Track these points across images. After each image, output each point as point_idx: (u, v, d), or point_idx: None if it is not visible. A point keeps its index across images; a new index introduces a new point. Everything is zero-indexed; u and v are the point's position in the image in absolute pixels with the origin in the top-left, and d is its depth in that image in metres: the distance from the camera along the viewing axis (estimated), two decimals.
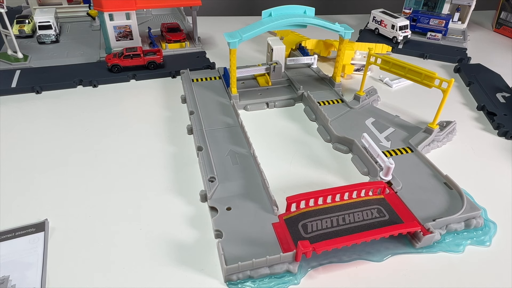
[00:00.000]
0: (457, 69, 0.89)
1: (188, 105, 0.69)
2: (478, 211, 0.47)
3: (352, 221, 0.45)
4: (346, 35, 0.69)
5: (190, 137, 0.63)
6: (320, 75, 0.80)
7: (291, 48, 0.90)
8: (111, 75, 0.79)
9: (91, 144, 0.61)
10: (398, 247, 0.44)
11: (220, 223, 0.44)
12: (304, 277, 0.41)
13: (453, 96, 0.79)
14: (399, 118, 0.66)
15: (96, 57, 0.85)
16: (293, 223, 0.44)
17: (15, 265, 0.40)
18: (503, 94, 0.77)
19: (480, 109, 0.74)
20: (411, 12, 1.07)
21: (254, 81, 0.77)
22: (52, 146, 0.60)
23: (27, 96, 0.73)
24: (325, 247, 0.40)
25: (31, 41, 0.92)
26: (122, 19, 0.84)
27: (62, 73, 0.79)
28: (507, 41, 1.12)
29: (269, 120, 0.68)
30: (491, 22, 1.22)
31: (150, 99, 0.74)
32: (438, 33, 1.02)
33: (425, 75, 0.58)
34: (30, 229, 0.45)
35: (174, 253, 0.43)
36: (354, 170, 0.57)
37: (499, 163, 0.60)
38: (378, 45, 0.92)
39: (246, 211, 0.46)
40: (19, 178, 0.53)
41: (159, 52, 0.82)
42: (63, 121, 0.66)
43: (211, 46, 0.97)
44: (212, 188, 0.49)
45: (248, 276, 0.39)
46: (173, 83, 0.80)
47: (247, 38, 0.62)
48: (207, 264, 0.42)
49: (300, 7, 0.67)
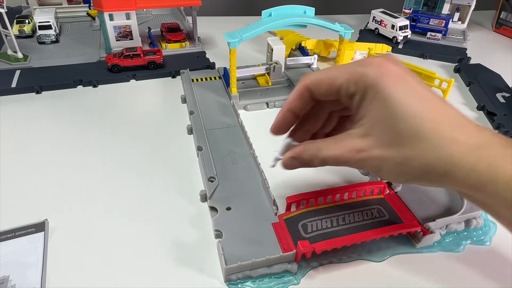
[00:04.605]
0: (457, 69, 0.89)
1: (188, 105, 0.69)
2: (478, 211, 0.47)
3: (352, 221, 0.45)
4: (346, 35, 0.69)
5: (190, 137, 0.63)
6: None
7: (291, 48, 0.90)
8: (111, 75, 0.79)
9: (91, 144, 0.61)
10: (398, 247, 0.44)
11: (220, 223, 0.44)
12: (304, 277, 0.41)
13: (453, 96, 0.79)
14: None
15: (96, 57, 0.85)
16: (293, 223, 0.44)
17: (15, 265, 0.40)
18: (503, 94, 0.77)
19: (480, 109, 0.74)
20: (411, 12, 1.07)
21: (254, 81, 0.77)
22: (52, 146, 0.60)
23: (27, 96, 0.73)
24: (325, 247, 0.40)
25: (31, 41, 0.92)
26: (122, 19, 0.84)
27: (62, 73, 0.79)
28: (507, 41, 1.12)
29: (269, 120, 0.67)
30: (491, 22, 1.22)
31: (150, 99, 0.74)
32: (438, 33, 1.02)
33: (425, 75, 0.58)
34: (30, 229, 0.45)
35: (174, 253, 0.43)
36: (354, 170, 0.56)
37: None
38: (378, 45, 0.92)
39: (246, 211, 0.46)
40: (19, 178, 0.53)
41: (159, 52, 0.82)
42: (63, 121, 0.66)
43: (211, 46, 0.97)
44: (212, 188, 0.49)
45: (248, 276, 0.39)
46: (173, 83, 0.80)
47: (247, 38, 0.62)
48: (207, 264, 0.42)
49: (300, 7, 0.67)
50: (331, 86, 0.35)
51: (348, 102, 0.35)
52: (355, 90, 0.34)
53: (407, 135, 0.31)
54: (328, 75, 0.35)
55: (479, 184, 0.30)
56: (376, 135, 0.33)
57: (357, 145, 0.34)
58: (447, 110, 0.32)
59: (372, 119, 0.33)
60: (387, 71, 0.33)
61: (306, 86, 0.37)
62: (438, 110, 0.32)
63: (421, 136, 0.31)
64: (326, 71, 0.36)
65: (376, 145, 0.33)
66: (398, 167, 0.33)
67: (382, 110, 0.32)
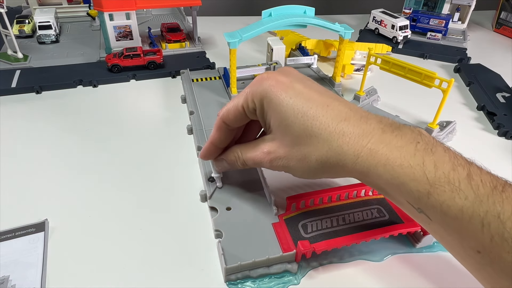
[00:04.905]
0: (457, 69, 0.90)
1: (188, 105, 0.69)
2: None
3: (352, 221, 0.45)
4: (346, 35, 0.69)
5: (190, 137, 0.63)
6: (320, 75, 0.80)
7: (291, 48, 0.90)
8: (111, 75, 0.79)
9: (91, 144, 0.61)
10: (398, 247, 0.44)
11: (220, 223, 0.44)
12: (304, 277, 0.41)
13: (453, 96, 0.79)
14: (399, 118, 0.66)
15: (96, 57, 0.85)
16: (293, 223, 0.44)
17: (15, 265, 0.40)
18: (503, 94, 0.77)
19: (480, 109, 0.74)
20: (411, 12, 1.07)
21: None
22: (52, 146, 0.60)
23: (27, 96, 0.73)
24: (325, 247, 0.40)
25: (31, 41, 0.92)
26: (122, 19, 0.84)
27: (62, 73, 0.79)
28: (507, 41, 1.12)
29: None
30: (491, 22, 1.22)
31: (150, 99, 0.74)
32: (438, 33, 1.02)
33: (425, 75, 0.58)
34: (30, 229, 0.45)
35: (174, 253, 0.43)
36: None
37: (499, 163, 0.60)
38: (378, 45, 0.92)
39: (246, 211, 0.46)
40: (19, 178, 0.53)
41: (159, 52, 0.82)
42: (63, 121, 0.66)
43: (211, 46, 0.97)
44: (212, 188, 0.49)
45: (247, 276, 0.39)
46: (173, 83, 0.80)
47: (247, 38, 0.62)
48: (207, 264, 0.42)
49: (300, 7, 0.67)
50: (237, 111, 0.40)
51: (255, 117, 0.40)
52: (253, 105, 0.39)
53: (301, 134, 0.36)
54: (232, 103, 0.40)
55: (364, 169, 0.34)
56: (279, 138, 0.38)
57: (267, 148, 0.40)
58: (333, 106, 0.36)
59: (273, 125, 0.38)
60: (274, 82, 0.38)
61: (221, 120, 0.42)
62: (324, 108, 0.36)
63: (312, 133, 0.35)
64: (232, 100, 0.41)
65: (280, 147, 0.38)
66: (300, 163, 0.37)
67: (277, 116, 0.37)
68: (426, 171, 0.31)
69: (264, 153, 0.40)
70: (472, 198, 0.29)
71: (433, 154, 0.32)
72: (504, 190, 0.29)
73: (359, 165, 0.34)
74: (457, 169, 0.31)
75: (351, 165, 0.34)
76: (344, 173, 0.36)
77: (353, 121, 0.35)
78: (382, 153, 0.33)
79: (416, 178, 0.31)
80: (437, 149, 0.32)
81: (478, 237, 0.29)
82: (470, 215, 0.29)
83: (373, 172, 0.33)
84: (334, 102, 0.37)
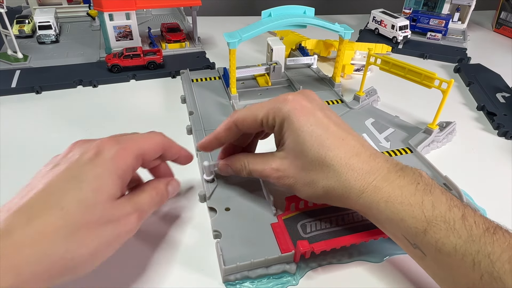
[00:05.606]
0: (457, 69, 0.89)
1: (187, 105, 0.69)
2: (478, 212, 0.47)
3: (351, 221, 0.45)
4: (346, 35, 0.69)
5: (190, 137, 0.63)
6: (320, 75, 0.80)
7: (291, 48, 0.90)
8: (111, 75, 0.79)
9: None
10: (397, 248, 0.44)
11: (219, 223, 0.45)
12: (303, 277, 0.41)
13: (453, 96, 0.79)
14: (398, 118, 0.66)
15: (96, 57, 0.85)
16: (292, 223, 0.44)
17: None
18: (503, 94, 0.77)
19: (480, 109, 0.74)
20: (411, 12, 1.07)
21: (254, 81, 0.77)
22: (52, 146, 0.60)
23: (27, 96, 0.73)
24: (324, 247, 0.40)
25: (31, 41, 0.92)
26: (122, 19, 0.84)
27: (62, 73, 0.79)
28: (507, 41, 1.12)
29: None
30: (491, 22, 1.22)
31: (150, 99, 0.74)
32: (438, 33, 1.02)
33: (424, 75, 0.58)
34: None
35: (173, 253, 0.43)
36: None
37: (499, 164, 0.60)
38: (378, 45, 0.92)
39: (245, 211, 0.46)
40: (19, 178, 0.53)
41: (159, 52, 0.82)
42: (63, 121, 0.66)
43: (211, 46, 0.97)
44: (211, 188, 0.49)
45: (246, 276, 0.39)
46: (173, 83, 0.80)
47: (247, 38, 0.62)
48: (205, 264, 0.42)
49: (300, 7, 0.67)
50: (254, 122, 0.42)
51: (271, 131, 0.42)
52: (273, 122, 0.40)
53: (314, 161, 0.38)
54: (251, 112, 0.42)
55: (367, 204, 0.36)
56: (291, 159, 0.40)
57: (276, 165, 0.41)
58: (347, 140, 0.38)
59: (288, 145, 0.40)
60: (298, 105, 0.39)
61: (233, 122, 0.43)
62: (339, 141, 0.38)
63: (325, 163, 0.37)
64: (250, 109, 0.42)
65: (291, 167, 0.40)
66: (307, 187, 0.39)
67: (294, 139, 0.39)
68: (425, 209, 0.34)
69: (273, 169, 0.41)
70: (465, 238, 0.31)
71: (432, 194, 0.34)
72: (495, 232, 0.31)
73: (363, 200, 0.36)
74: (453, 210, 0.33)
75: (355, 199, 0.37)
76: (346, 204, 0.39)
77: (363, 157, 0.38)
78: (385, 190, 0.36)
79: (415, 215, 0.34)
80: (435, 191, 0.35)
81: (469, 274, 0.31)
82: (463, 253, 0.31)
83: (375, 207, 0.36)
84: (349, 137, 0.39)
